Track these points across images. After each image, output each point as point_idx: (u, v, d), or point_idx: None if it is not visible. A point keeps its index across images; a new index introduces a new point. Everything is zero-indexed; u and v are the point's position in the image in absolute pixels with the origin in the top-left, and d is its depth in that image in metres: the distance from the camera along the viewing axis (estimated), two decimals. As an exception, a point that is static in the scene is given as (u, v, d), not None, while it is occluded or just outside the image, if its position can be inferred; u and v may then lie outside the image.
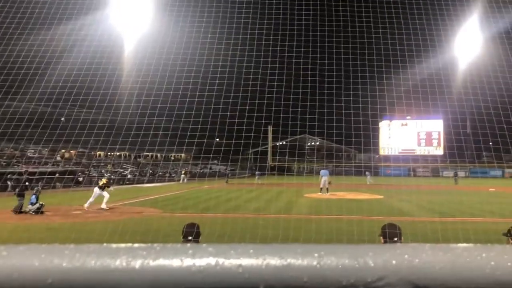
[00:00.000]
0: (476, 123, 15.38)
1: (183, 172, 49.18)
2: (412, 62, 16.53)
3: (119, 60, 17.33)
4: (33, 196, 18.85)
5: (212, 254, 0.69)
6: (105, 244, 0.74)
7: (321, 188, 28.60)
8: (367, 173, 48.60)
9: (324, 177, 28.75)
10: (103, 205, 20.18)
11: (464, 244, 0.69)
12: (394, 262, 0.65)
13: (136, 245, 0.74)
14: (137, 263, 0.69)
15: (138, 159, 60.04)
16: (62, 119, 24.30)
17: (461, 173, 54.23)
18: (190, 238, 5.11)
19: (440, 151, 68.59)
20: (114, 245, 0.74)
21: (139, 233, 13.01)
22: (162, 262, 0.68)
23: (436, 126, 68.09)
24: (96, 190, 20.63)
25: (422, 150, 69.93)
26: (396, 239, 4.69)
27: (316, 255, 0.66)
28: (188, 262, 0.68)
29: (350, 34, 15.18)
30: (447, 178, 54.17)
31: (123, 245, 0.74)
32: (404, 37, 14.38)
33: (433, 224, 14.57)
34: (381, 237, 4.84)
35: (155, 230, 13.21)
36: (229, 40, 13.82)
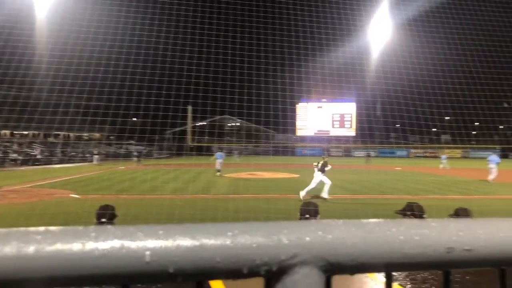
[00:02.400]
0: (386, 105, 16.39)
1: (95, 152, 47.10)
2: (329, 47, 17.10)
3: (24, 31, 16.00)
4: None
5: (117, 236, 0.63)
6: (-8, 230, 0.65)
7: (219, 170, 28.07)
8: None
9: (219, 160, 28.28)
10: (325, 195, 16.08)
11: (376, 220, 0.70)
12: (308, 239, 0.64)
13: (31, 229, 0.65)
14: (30, 249, 0.61)
15: (48, 138, 56.48)
16: (-42, 94, 22.07)
17: (371, 153, 57.57)
18: (104, 220, 4.94)
19: (352, 133, 72.36)
20: (2, 230, 0.65)
21: (48, 216, 12.31)
22: (60, 246, 0.61)
23: (349, 108, 71.69)
24: (318, 174, 16.70)
25: (336, 131, 73.32)
26: (307, 216, 4.86)
27: (229, 234, 0.64)
28: (90, 245, 0.61)
29: (270, 20, 15.34)
30: (358, 158, 57.27)
31: (14, 229, 0.65)
32: (321, 23, 14.83)
33: (345, 201, 15.38)
34: (299, 214, 5.00)
35: (65, 213, 12.59)
36: (145, 14, 13.34)
